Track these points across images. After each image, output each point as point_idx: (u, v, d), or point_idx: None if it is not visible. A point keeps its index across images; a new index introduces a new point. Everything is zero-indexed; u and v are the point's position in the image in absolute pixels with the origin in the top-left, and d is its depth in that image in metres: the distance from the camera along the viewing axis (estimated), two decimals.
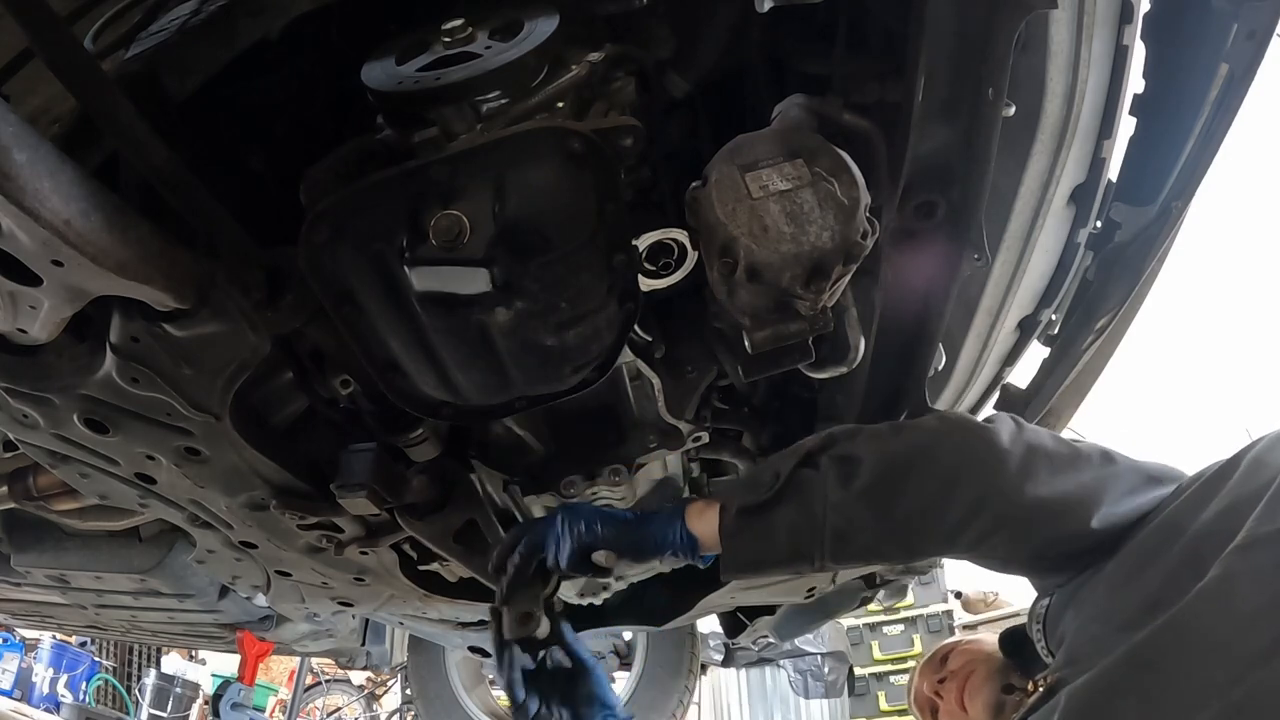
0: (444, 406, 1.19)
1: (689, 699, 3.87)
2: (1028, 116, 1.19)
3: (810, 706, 7.82)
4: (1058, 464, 1.10)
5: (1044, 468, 1.09)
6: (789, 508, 1.14)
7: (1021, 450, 1.10)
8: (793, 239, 0.97)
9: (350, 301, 1.04)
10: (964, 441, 1.13)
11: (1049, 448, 1.12)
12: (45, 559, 2.06)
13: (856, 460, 1.14)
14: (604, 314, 1.08)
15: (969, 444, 1.12)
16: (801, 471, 1.16)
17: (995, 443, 1.10)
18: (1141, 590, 0.98)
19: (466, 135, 1.01)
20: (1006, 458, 1.09)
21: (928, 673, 1.68)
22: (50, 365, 1.12)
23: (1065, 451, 1.12)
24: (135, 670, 8.25)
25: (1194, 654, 0.87)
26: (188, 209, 1.00)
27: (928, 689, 1.67)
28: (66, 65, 0.87)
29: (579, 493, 1.51)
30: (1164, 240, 1.29)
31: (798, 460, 1.17)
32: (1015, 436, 1.12)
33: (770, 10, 1.01)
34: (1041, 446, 1.11)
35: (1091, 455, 1.13)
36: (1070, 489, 1.09)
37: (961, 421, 1.16)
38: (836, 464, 1.15)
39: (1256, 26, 1.10)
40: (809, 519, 1.13)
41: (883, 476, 1.12)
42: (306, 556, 1.70)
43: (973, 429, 1.14)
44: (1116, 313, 1.36)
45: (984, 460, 1.09)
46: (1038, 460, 1.09)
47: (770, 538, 1.16)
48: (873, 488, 1.11)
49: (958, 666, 1.61)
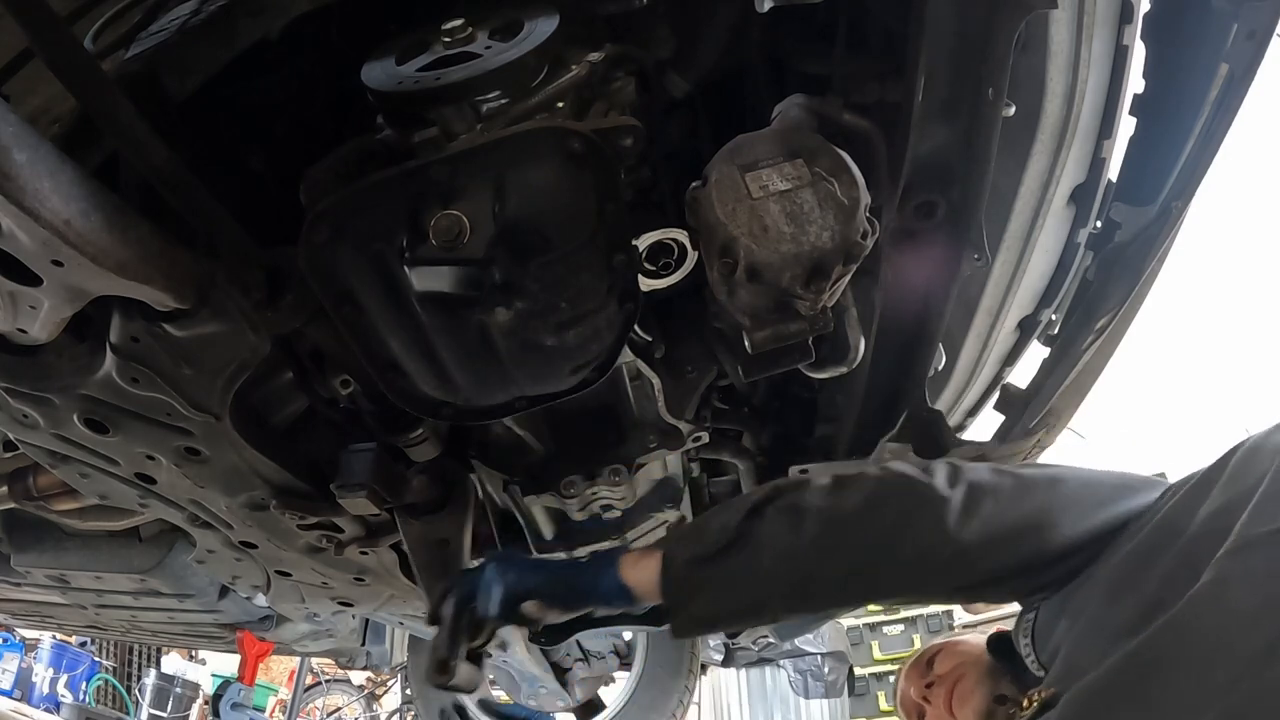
0: (444, 406, 1.19)
1: (689, 699, 3.87)
2: (1028, 116, 1.19)
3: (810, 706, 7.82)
4: (1002, 496, 1.11)
5: (988, 502, 1.10)
6: (737, 559, 1.13)
7: (963, 491, 1.11)
8: (793, 239, 0.97)
9: (350, 301, 1.04)
10: (907, 489, 1.13)
11: (990, 482, 1.12)
12: (45, 559, 2.06)
13: (803, 510, 1.13)
14: (604, 314, 1.08)
15: (912, 491, 1.13)
16: (749, 523, 1.14)
17: (936, 487, 1.11)
18: (1138, 596, 0.97)
19: (466, 135, 1.01)
20: (948, 500, 1.10)
21: (914, 676, 1.65)
22: (50, 365, 1.12)
23: (1008, 484, 1.12)
24: (135, 670, 8.25)
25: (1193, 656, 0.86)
26: (188, 209, 1.00)
27: (915, 694, 1.63)
28: (66, 65, 0.87)
29: (579, 493, 1.51)
30: (1164, 240, 1.29)
31: (744, 513, 1.15)
32: (954, 479, 1.13)
33: (770, 10, 1.01)
34: (982, 484, 1.12)
35: (1037, 481, 1.13)
36: (1017, 518, 1.09)
37: (903, 471, 1.16)
38: (784, 514, 1.14)
39: (1256, 26, 1.10)
40: (758, 570, 1.12)
41: (830, 524, 1.12)
42: (306, 556, 1.71)
43: (914, 478, 1.14)
44: (1116, 313, 1.35)
45: (928, 502, 1.10)
46: (981, 497, 1.10)
47: (719, 590, 1.14)
48: (821, 536, 1.11)
49: (945, 670, 1.58)
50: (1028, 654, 1.19)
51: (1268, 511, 0.90)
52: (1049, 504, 1.11)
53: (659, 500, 1.68)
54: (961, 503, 1.10)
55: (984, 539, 1.08)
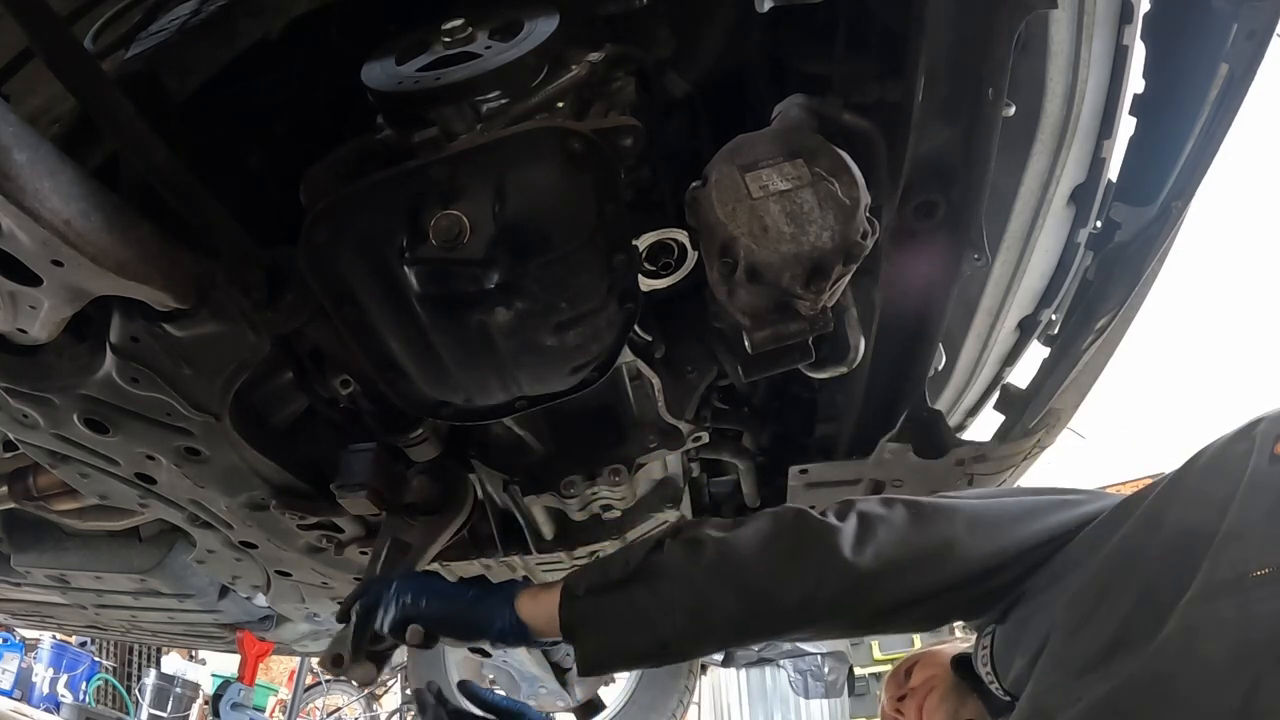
0: (444, 406, 1.19)
1: (689, 699, 3.87)
2: (1028, 116, 1.19)
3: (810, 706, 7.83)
4: (895, 524, 1.13)
5: (881, 529, 1.12)
6: (636, 589, 1.14)
7: (854, 520, 1.14)
8: (793, 239, 0.97)
9: (350, 301, 1.04)
10: (800, 521, 1.16)
11: (879, 512, 1.15)
12: (45, 559, 2.05)
13: (701, 541, 1.16)
14: (604, 314, 1.08)
15: (804, 523, 1.16)
16: (651, 556, 1.16)
17: (827, 519, 1.15)
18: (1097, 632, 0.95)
19: (466, 135, 1.01)
20: (840, 529, 1.13)
21: (891, 687, 1.65)
22: (50, 365, 1.12)
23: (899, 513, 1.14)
24: (135, 670, 8.26)
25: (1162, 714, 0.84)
26: (188, 209, 1.00)
27: (889, 706, 1.64)
28: (66, 65, 0.87)
29: (579, 493, 1.51)
30: (1164, 240, 1.29)
31: (648, 548, 1.17)
32: (844, 512, 1.16)
33: (770, 10, 1.01)
34: (871, 513, 1.15)
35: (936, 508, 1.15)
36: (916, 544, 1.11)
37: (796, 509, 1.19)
38: (682, 545, 1.16)
39: (1256, 26, 1.10)
40: (658, 598, 1.13)
41: (726, 553, 1.14)
42: (306, 556, 1.71)
43: (805, 511, 1.18)
44: (1116, 313, 1.35)
45: (821, 531, 1.13)
46: (873, 524, 1.13)
47: (619, 622, 1.15)
48: (718, 563, 1.13)
49: (918, 683, 1.58)
50: (990, 680, 1.18)
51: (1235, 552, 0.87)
52: (949, 529, 1.12)
53: (659, 500, 1.69)
54: (855, 531, 1.12)
55: (881, 566, 1.10)
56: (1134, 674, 0.87)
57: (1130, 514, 1.03)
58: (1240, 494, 0.90)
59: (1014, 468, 1.68)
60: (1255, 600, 0.82)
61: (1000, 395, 1.60)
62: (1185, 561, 0.89)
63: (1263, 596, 0.82)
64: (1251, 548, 0.85)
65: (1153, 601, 0.90)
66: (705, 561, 1.13)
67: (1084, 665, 0.94)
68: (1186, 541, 0.91)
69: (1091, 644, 0.94)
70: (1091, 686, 0.90)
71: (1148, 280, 1.34)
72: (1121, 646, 0.90)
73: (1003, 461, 1.61)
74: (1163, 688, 0.85)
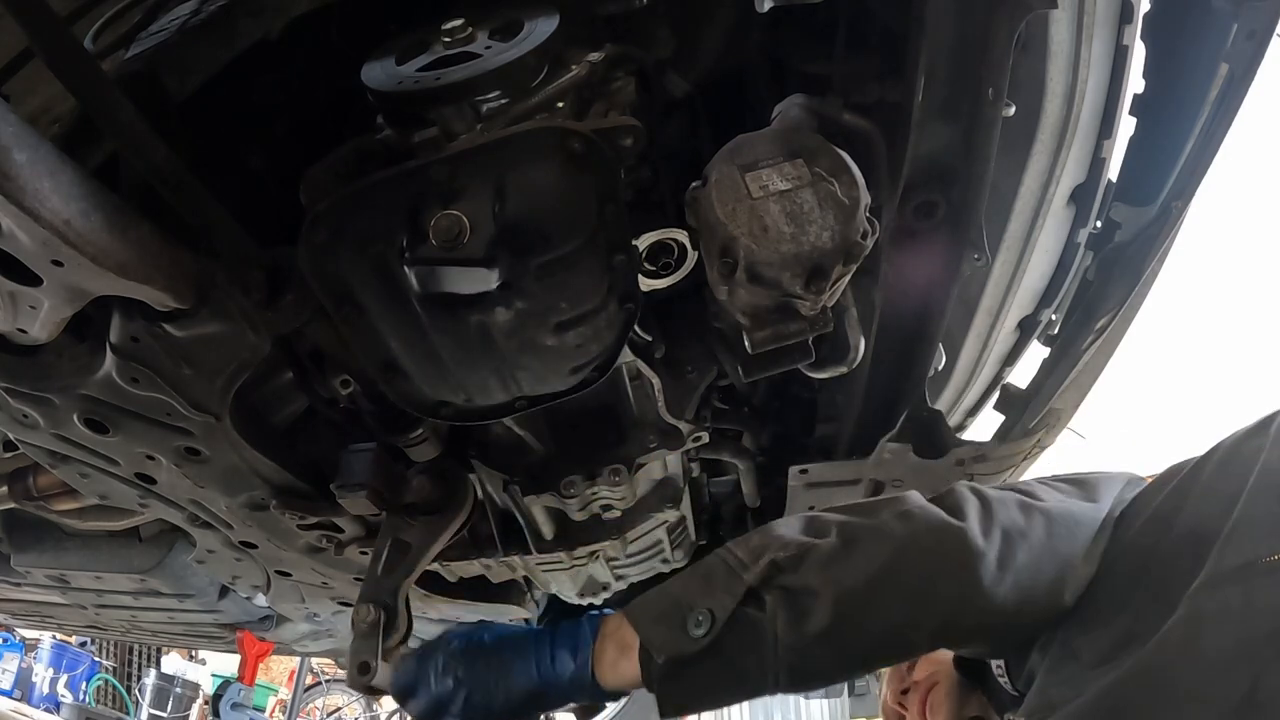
0: (444, 406, 1.19)
1: None
2: (1028, 116, 1.19)
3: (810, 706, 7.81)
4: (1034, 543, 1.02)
5: (1021, 552, 1.00)
6: (732, 656, 1.01)
7: (998, 543, 1.00)
8: (793, 239, 0.97)
9: (350, 301, 1.04)
10: (934, 547, 1.01)
11: (1021, 527, 1.02)
12: (45, 559, 2.05)
13: (810, 594, 1.00)
14: (604, 314, 1.08)
15: (940, 550, 1.01)
16: (743, 612, 1.01)
17: (968, 543, 0.99)
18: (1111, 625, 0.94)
19: (466, 135, 1.01)
20: (982, 559, 0.98)
21: (893, 681, 1.63)
22: (50, 365, 1.12)
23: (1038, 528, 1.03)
24: (135, 670, 8.25)
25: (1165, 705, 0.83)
26: (188, 209, 1.00)
27: (891, 699, 1.62)
28: (66, 65, 0.87)
29: (579, 493, 1.51)
30: (1164, 240, 1.29)
31: (738, 599, 1.02)
32: (987, 525, 1.01)
33: (770, 10, 1.01)
34: (1014, 527, 1.02)
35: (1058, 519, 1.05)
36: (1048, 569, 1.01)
37: (928, 521, 1.02)
38: (785, 601, 1.01)
39: (1256, 26, 1.10)
40: (758, 664, 1.01)
41: (843, 614, 0.99)
42: (306, 556, 1.71)
43: (941, 530, 1.02)
44: (1116, 313, 1.35)
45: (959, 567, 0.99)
46: (1014, 547, 1.00)
47: (713, 688, 1.04)
48: (833, 628, 0.98)
49: (921, 677, 1.56)
50: (1000, 674, 1.17)
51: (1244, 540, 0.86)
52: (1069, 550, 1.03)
53: (659, 500, 1.68)
54: (997, 557, 0.99)
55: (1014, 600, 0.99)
56: (1140, 661, 0.87)
57: (1144, 510, 1.03)
58: (1250, 487, 0.90)
59: (1014, 468, 1.68)
60: (1261, 588, 0.82)
61: (1000, 395, 1.60)
62: (1195, 555, 0.89)
63: (1269, 585, 0.82)
64: (1260, 535, 0.85)
65: (1163, 595, 0.90)
66: (819, 629, 0.98)
67: (1095, 659, 0.93)
68: (1196, 536, 0.91)
69: (1104, 637, 0.94)
70: (1100, 678, 0.90)
71: (1148, 280, 1.34)
72: (1133, 640, 0.90)
73: (1003, 461, 1.61)
74: (1166, 675, 0.84)
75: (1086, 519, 1.06)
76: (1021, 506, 1.05)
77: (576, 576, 1.87)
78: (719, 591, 1.04)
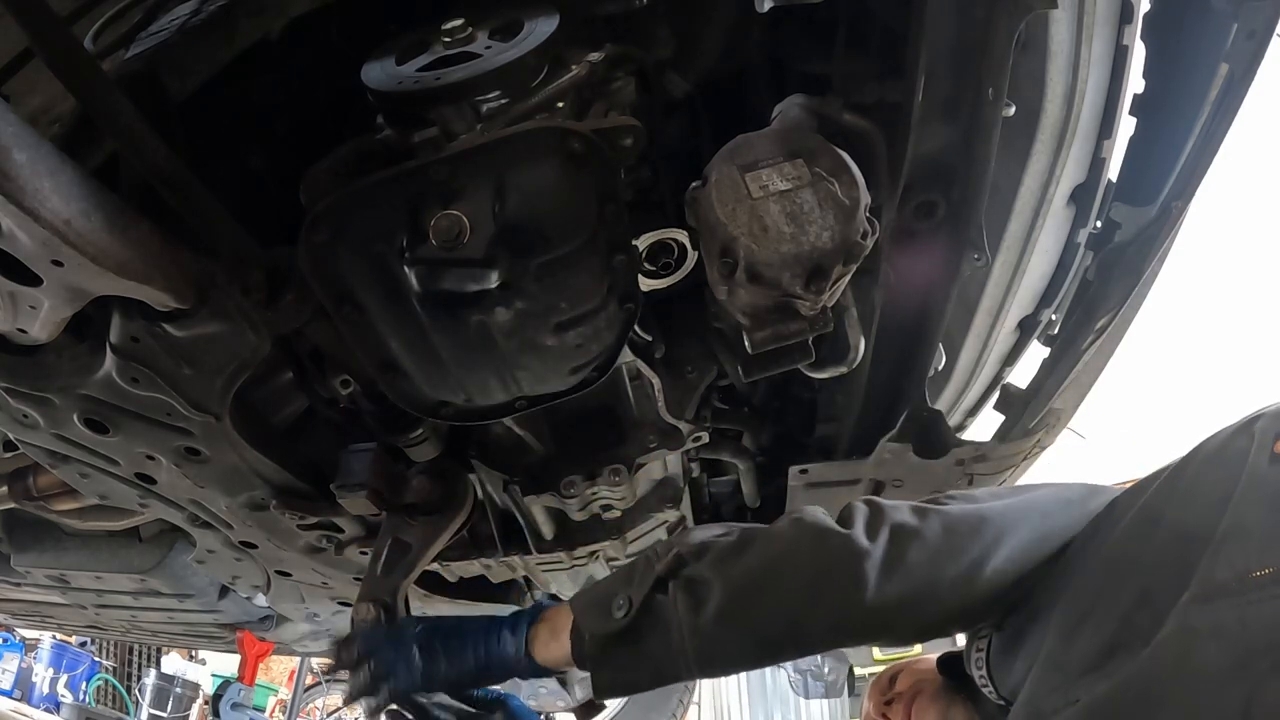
0: (444, 406, 1.19)
1: (689, 699, 3.87)
2: (1028, 116, 1.19)
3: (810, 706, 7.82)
4: (929, 544, 1.06)
5: (913, 551, 1.05)
6: (645, 638, 1.12)
7: (885, 540, 1.06)
8: (793, 239, 0.97)
9: (350, 301, 1.04)
10: (817, 547, 1.08)
11: (914, 526, 1.07)
12: (45, 559, 2.05)
13: (705, 584, 1.10)
14: (604, 314, 1.08)
15: (823, 548, 1.08)
16: (654, 598, 1.12)
17: (851, 543, 1.06)
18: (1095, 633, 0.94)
19: (466, 135, 1.01)
20: (868, 554, 1.04)
21: (875, 694, 1.64)
22: (50, 365, 1.12)
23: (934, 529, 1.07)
24: (135, 670, 8.25)
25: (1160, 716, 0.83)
26: (188, 209, 1.00)
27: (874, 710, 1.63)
28: (66, 65, 0.87)
29: (579, 493, 1.51)
30: (1164, 240, 1.29)
31: (648, 586, 1.13)
32: (873, 527, 1.07)
33: (770, 10, 1.01)
34: (905, 528, 1.07)
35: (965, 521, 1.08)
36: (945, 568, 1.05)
37: (815, 525, 1.10)
38: (685, 589, 1.11)
39: (1256, 26, 1.10)
40: (667, 648, 1.11)
41: (734, 598, 1.08)
42: (306, 556, 1.71)
43: (826, 532, 1.09)
44: (1116, 313, 1.35)
45: (842, 560, 1.05)
46: (905, 545, 1.05)
47: (634, 667, 1.14)
48: (726, 611, 1.08)
49: (905, 687, 1.56)
50: (984, 686, 1.17)
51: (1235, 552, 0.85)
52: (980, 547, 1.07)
53: (659, 500, 1.68)
54: (884, 554, 1.05)
55: (910, 593, 1.04)
56: (1131, 675, 0.86)
57: (1126, 512, 1.02)
58: (1238, 493, 0.89)
59: (1014, 468, 1.68)
60: (1254, 602, 0.82)
61: (1000, 395, 1.60)
62: (1183, 561, 0.88)
63: (1262, 599, 0.82)
64: (1251, 549, 0.85)
65: (1151, 602, 0.89)
66: (714, 613, 1.08)
67: (1083, 666, 0.93)
68: (1184, 541, 0.90)
69: (1090, 645, 0.94)
70: (1089, 687, 0.90)
71: (1148, 280, 1.34)
72: (1120, 648, 0.89)
73: (1003, 461, 1.61)
74: (1160, 689, 0.84)
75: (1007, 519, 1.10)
76: (915, 511, 1.10)
77: (576, 576, 1.87)
78: (637, 581, 1.15)
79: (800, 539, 1.11)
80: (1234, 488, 0.90)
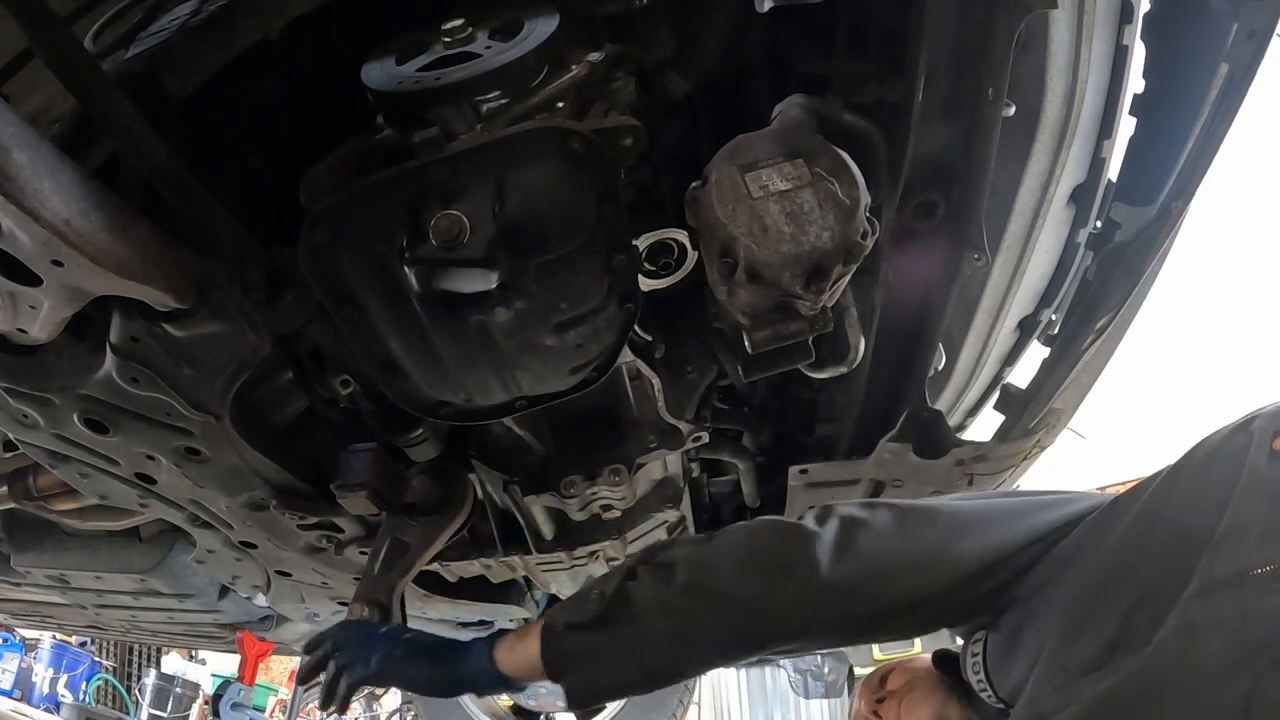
0: (444, 406, 1.19)
1: (689, 699, 3.87)
2: (1028, 116, 1.19)
3: (810, 706, 7.82)
4: (879, 531, 1.10)
5: (863, 537, 1.09)
6: (617, 623, 1.13)
7: (834, 526, 1.11)
8: (793, 239, 0.97)
9: (350, 301, 1.04)
10: (774, 532, 1.15)
11: (862, 517, 1.12)
12: (45, 559, 2.05)
13: (673, 565, 1.14)
14: (604, 314, 1.08)
15: (779, 534, 1.14)
16: (625, 585, 1.15)
17: (802, 529, 1.12)
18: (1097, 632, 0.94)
19: (466, 135, 1.01)
20: (818, 534, 1.10)
21: (866, 693, 1.63)
22: (50, 365, 1.12)
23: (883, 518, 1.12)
24: (135, 670, 8.26)
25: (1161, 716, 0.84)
26: (188, 209, 1.00)
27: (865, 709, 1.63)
28: (66, 65, 0.87)
29: (579, 493, 1.51)
30: (1164, 240, 1.29)
31: (621, 576, 1.16)
32: (823, 516, 1.13)
33: (770, 10, 1.01)
34: (853, 518, 1.12)
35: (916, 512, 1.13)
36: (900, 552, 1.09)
37: (771, 518, 1.19)
38: (654, 571, 1.15)
39: (1256, 26, 1.10)
40: (638, 630, 1.12)
41: (700, 575, 1.12)
42: (306, 556, 1.71)
43: (780, 522, 1.17)
44: (1116, 313, 1.35)
45: (794, 544, 1.10)
46: (854, 531, 1.10)
47: (603, 657, 1.15)
48: (693, 587, 1.11)
49: (897, 686, 1.57)
50: (982, 688, 1.17)
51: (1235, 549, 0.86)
52: (935, 533, 1.10)
53: (659, 500, 1.69)
54: (834, 539, 1.09)
55: (863, 575, 1.08)
56: (1133, 672, 0.87)
57: (1125, 512, 1.03)
58: (1238, 491, 0.89)
59: (1014, 468, 1.68)
60: (1255, 598, 0.82)
61: (1000, 395, 1.60)
62: (1183, 559, 0.89)
63: (1262, 594, 0.82)
64: (1251, 546, 0.85)
65: (1152, 601, 0.90)
66: (679, 586, 1.12)
67: (1085, 665, 0.93)
68: (1184, 539, 0.91)
69: (1092, 644, 0.94)
70: (1092, 685, 0.90)
71: (1148, 280, 1.34)
72: (1122, 646, 0.90)
73: (1003, 461, 1.61)
74: (1162, 685, 0.85)
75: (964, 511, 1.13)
76: (862, 505, 1.15)
77: (576, 576, 1.87)
78: (608, 577, 1.19)
79: (756, 526, 1.19)
80: (1233, 486, 0.90)
